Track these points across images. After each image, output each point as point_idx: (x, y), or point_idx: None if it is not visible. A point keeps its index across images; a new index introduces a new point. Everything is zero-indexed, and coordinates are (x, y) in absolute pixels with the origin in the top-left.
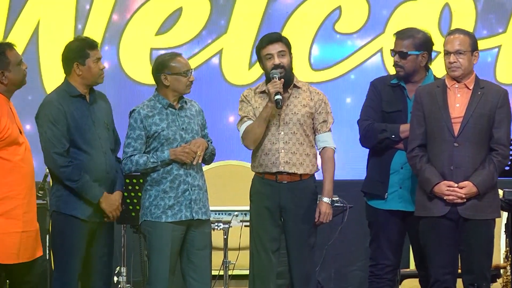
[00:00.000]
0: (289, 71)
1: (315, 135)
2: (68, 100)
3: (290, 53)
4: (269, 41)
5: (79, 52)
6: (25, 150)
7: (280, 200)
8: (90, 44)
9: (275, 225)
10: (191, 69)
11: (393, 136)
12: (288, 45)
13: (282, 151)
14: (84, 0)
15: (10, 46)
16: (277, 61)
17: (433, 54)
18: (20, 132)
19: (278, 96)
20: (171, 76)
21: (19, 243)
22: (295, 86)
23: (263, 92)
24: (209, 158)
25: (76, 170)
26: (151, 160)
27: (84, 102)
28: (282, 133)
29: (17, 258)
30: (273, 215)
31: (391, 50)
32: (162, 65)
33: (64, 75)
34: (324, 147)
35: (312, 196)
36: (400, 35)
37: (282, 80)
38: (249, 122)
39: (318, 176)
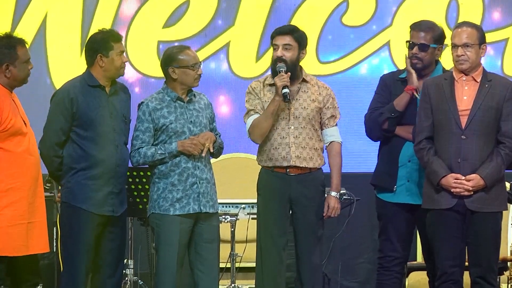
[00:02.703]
0: (292, 66)
1: (322, 129)
2: (86, 90)
3: (300, 48)
4: (278, 32)
5: (103, 43)
6: (29, 141)
7: (291, 192)
8: (115, 37)
9: (285, 219)
10: (200, 62)
11: (392, 114)
12: (298, 40)
13: (293, 145)
14: None
15: (22, 42)
16: (279, 53)
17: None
18: (25, 124)
19: (286, 90)
20: (178, 69)
21: (26, 234)
22: (304, 80)
23: (271, 84)
24: (217, 151)
25: (59, 164)
26: (159, 152)
27: (103, 93)
28: (292, 127)
29: (26, 249)
30: (283, 209)
31: (408, 41)
32: (170, 58)
33: (64, 64)
34: (332, 141)
35: (321, 188)
36: (419, 27)
37: (289, 73)
38: (256, 116)
39: (325, 168)
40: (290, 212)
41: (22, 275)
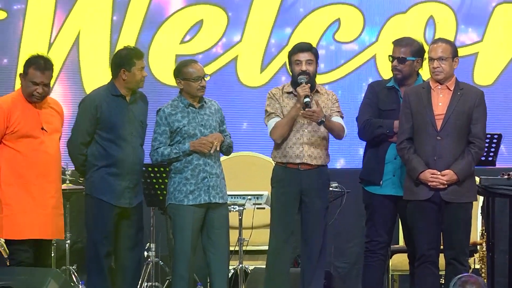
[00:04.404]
0: (313, 78)
1: None
2: (110, 98)
3: (317, 63)
4: (300, 49)
5: (127, 60)
6: (41, 144)
7: (302, 184)
8: (137, 54)
9: (294, 208)
10: (203, 75)
11: (388, 131)
12: (316, 55)
13: (306, 145)
14: (119, 14)
15: (35, 65)
16: (304, 68)
17: None
18: (44, 130)
19: (307, 99)
20: (183, 81)
21: (27, 221)
22: (316, 91)
23: (289, 92)
24: (226, 149)
25: (84, 161)
26: (174, 151)
27: (124, 101)
28: (306, 130)
29: (45, 234)
30: (293, 199)
31: (389, 56)
32: (177, 71)
33: (96, 76)
34: None
35: (326, 181)
36: (399, 43)
37: (309, 84)
38: (277, 119)
39: (330, 165)
40: (301, 202)
41: (44, 256)
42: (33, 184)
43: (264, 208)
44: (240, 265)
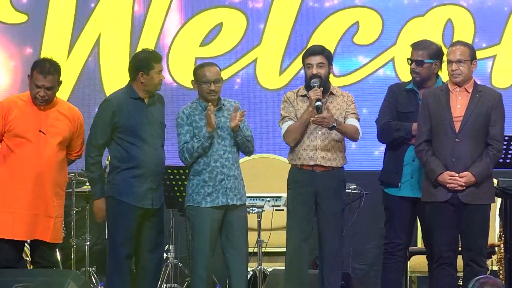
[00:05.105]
0: (325, 80)
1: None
2: (128, 101)
3: (330, 65)
4: (311, 53)
5: (145, 63)
6: (34, 146)
7: (316, 186)
8: (156, 58)
9: (310, 209)
10: (213, 79)
11: (406, 134)
12: (328, 58)
13: (319, 148)
14: (139, 20)
15: (39, 69)
16: (314, 71)
17: None
18: (43, 133)
19: (319, 103)
20: (196, 83)
21: (12, 222)
22: (331, 93)
23: (304, 95)
24: (241, 141)
25: (98, 164)
26: (196, 140)
27: (143, 104)
28: (320, 133)
29: (11, 234)
30: (308, 200)
31: (408, 58)
32: (193, 73)
33: (116, 78)
34: None
35: (342, 183)
36: (417, 46)
37: (322, 88)
38: (291, 122)
39: (347, 167)
40: (316, 203)
41: (34, 257)
42: (20, 184)
43: (283, 210)
44: (259, 267)
